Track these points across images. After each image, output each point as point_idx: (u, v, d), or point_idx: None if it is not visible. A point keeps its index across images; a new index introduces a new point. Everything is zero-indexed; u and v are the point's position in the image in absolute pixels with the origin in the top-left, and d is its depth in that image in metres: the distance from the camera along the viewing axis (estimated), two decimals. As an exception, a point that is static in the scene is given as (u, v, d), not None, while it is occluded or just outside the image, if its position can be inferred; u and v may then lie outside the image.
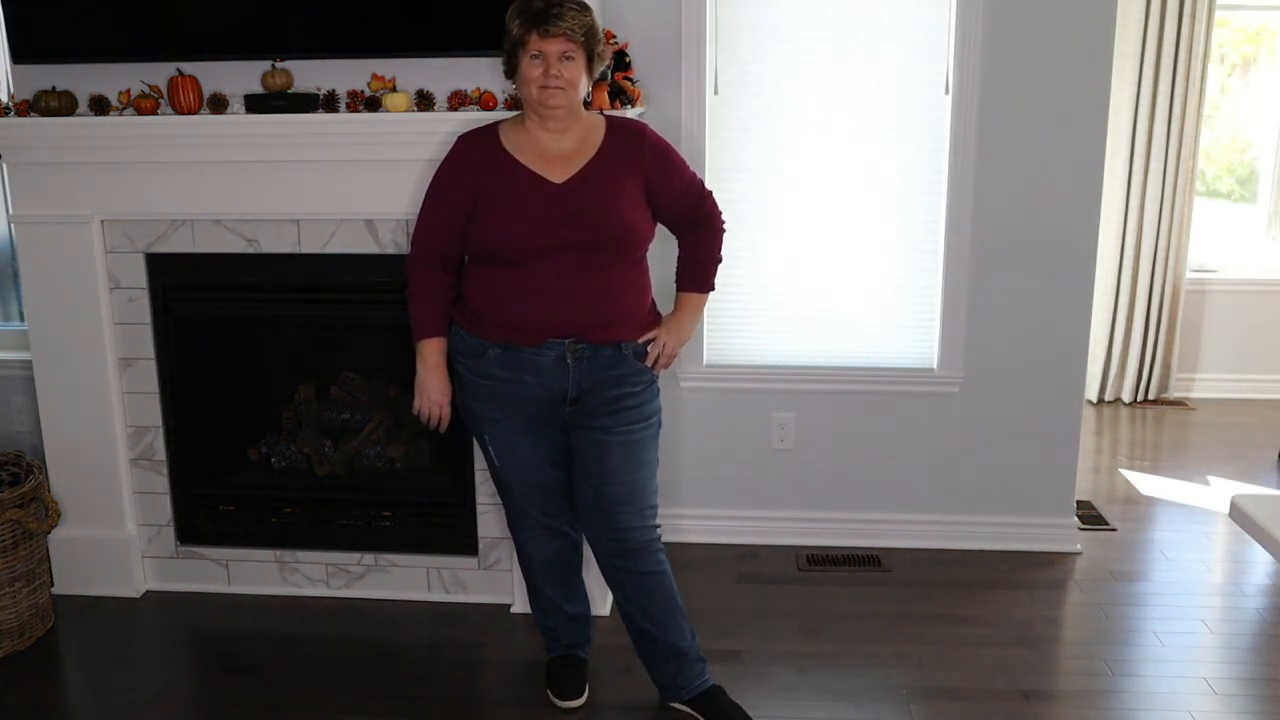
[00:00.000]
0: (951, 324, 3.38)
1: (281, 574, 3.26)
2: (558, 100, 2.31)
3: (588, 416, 2.46)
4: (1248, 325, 5.17)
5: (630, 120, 2.53)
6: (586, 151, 2.40)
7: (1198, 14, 4.66)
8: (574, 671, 2.72)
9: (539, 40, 2.27)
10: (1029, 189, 3.27)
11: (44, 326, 3.12)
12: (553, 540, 2.66)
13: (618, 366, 2.44)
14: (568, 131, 2.39)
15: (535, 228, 2.34)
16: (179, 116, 2.89)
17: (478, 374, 2.46)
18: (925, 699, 2.69)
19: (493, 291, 2.41)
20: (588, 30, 2.31)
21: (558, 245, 2.34)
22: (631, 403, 2.47)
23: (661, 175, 2.44)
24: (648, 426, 2.51)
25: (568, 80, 2.30)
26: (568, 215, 2.34)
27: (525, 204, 2.35)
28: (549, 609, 2.73)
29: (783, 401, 3.49)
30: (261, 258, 3.05)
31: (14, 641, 2.94)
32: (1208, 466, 4.31)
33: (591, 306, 2.38)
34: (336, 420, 3.39)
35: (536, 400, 2.44)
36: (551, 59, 2.28)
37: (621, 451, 2.47)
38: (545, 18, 2.26)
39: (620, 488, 2.49)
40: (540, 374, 2.41)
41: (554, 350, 2.40)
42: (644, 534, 2.52)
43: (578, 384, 2.42)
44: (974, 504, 3.51)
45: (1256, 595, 3.25)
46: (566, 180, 2.37)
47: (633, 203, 2.40)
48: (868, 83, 3.29)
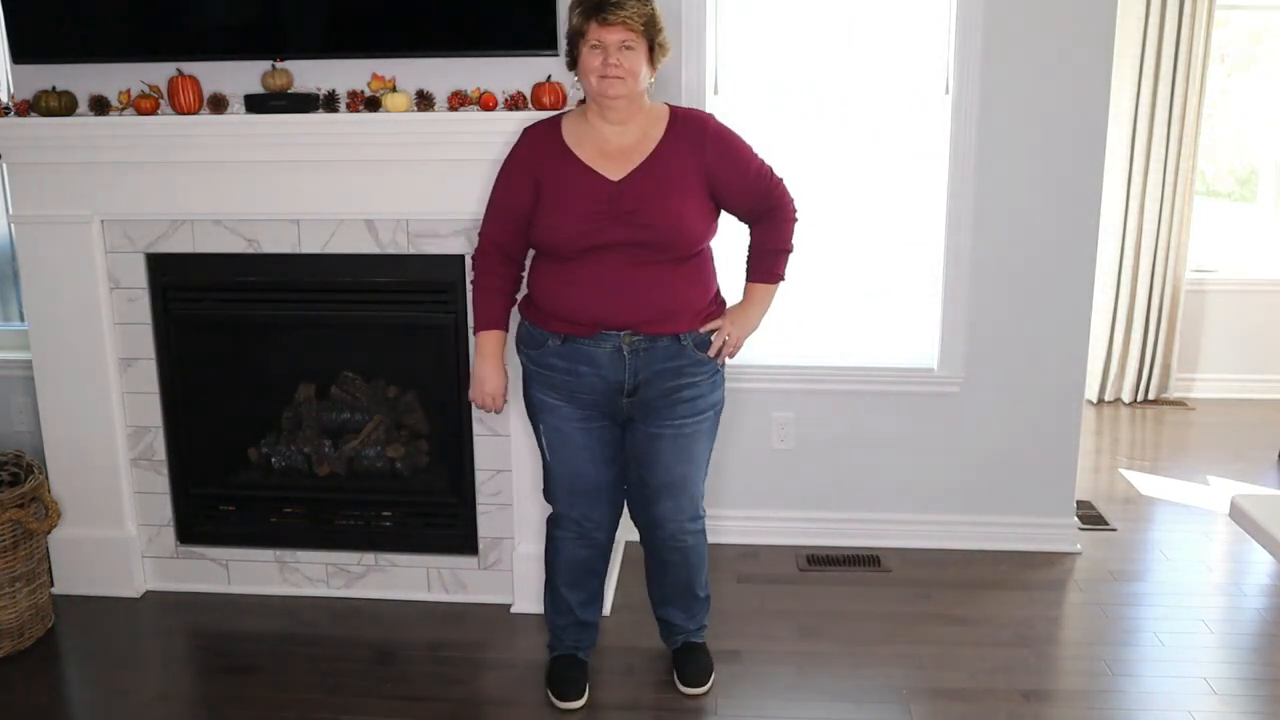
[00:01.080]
0: (951, 324, 3.38)
1: (281, 574, 3.26)
2: (617, 90, 2.31)
3: (645, 410, 2.48)
4: (1248, 325, 5.17)
5: (694, 112, 2.50)
6: (646, 146, 2.39)
7: (1198, 14, 4.66)
8: (575, 673, 2.72)
9: (598, 30, 2.29)
10: (1029, 189, 3.27)
11: (44, 326, 3.12)
12: (583, 547, 2.66)
13: (676, 358, 2.44)
14: (629, 123, 2.40)
15: (588, 226, 2.35)
16: (179, 116, 2.89)
17: (538, 364, 2.50)
18: (925, 699, 2.69)
19: (551, 284, 2.43)
20: (648, 19, 2.31)
21: (610, 243, 2.35)
22: (690, 394, 2.48)
23: (725, 168, 2.42)
24: (701, 420, 2.52)
25: (627, 70, 2.30)
26: (620, 214, 2.34)
27: (579, 201, 2.36)
28: (561, 608, 2.74)
29: (783, 401, 3.49)
30: (261, 258, 3.05)
31: (14, 641, 2.94)
32: (1208, 466, 4.31)
33: (646, 300, 2.38)
34: (336, 420, 3.39)
35: (594, 391, 2.46)
36: (611, 48, 2.29)
37: (672, 445, 2.50)
38: (604, 7, 2.27)
39: (664, 477, 2.53)
40: (597, 365, 2.43)
41: (610, 342, 2.41)
42: (675, 526, 2.59)
43: (634, 375, 2.43)
44: (974, 504, 3.51)
45: (1256, 595, 3.25)
46: (622, 178, 2.37)
47: (690, 200, 2.38)
48: (868, 83, 3.29)
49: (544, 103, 2.79)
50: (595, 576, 2.73)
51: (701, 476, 2.61)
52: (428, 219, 2.95)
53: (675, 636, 2.80)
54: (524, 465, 3.05)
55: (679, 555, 2.66)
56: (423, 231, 2.96)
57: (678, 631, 2.79)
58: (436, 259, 2.98)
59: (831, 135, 3.35)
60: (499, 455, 3.10)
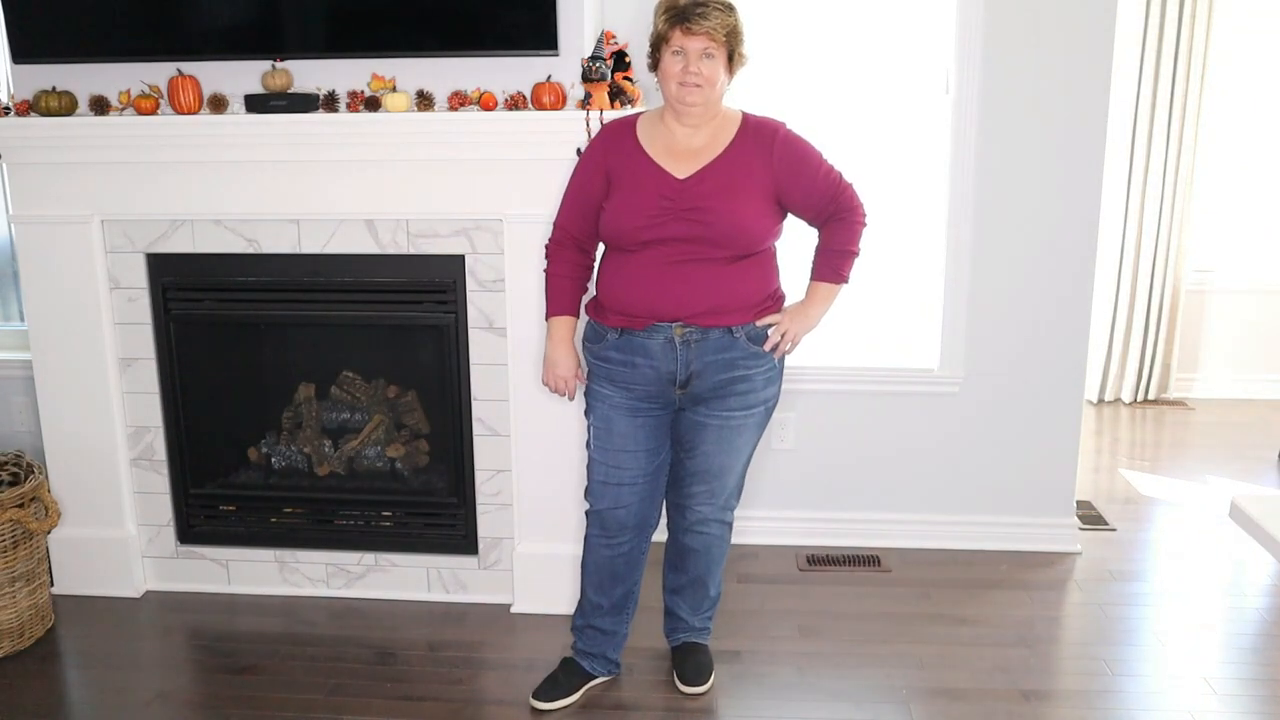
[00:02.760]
0: (951, 324, 3.38)
1: (281, 574, 3.26)
2: (695, 98, 2.35)
3: (697, 402, 2.51)
4: (1248, 326, 5.18)
5: (766, 120, 2.51)
6: (715, 148, 2.43)
7: (1198, 14, 4.66)
8: (566, 676, 2.71)
9: (682, 37, 2.32)
10: (1029, 189, 3.27)
11: (44, 326, 3.12)
12: (607, 549, 2.66)
13: (728, 350, 2.46)
14: (702, 128, 2.44)
15: (649, 220, 2.39)
16: (179, 116, 2.89)
17: (599, 357, 2.54)
18: (925, 699, 2.69)
19: (612, 278, 2.48)
20: (730, 30, 2.35)
21: (669, 238, 2.39)
22: (742, 387, 2.50)
23: (792, 175, 2.45)
24: (750, 414, 2.54)
25: (706, 78, 2.34)
26: (682, 210, 2.38)
27: (645, 195, 2.40)
28: (584, 609, 2.75)
29: (783, 401, 3.45)
30: (261, 258, 3.05)
31: (14, 641, 2.94)
32: (1208, 466, 4.31)
33: (698, 293, 2.41)
34: (336, 420, 3.39)
35: (649, 382, 2.50)
36: (692, 56, 2.33)
37: (717, 434, 2.53)
38: (690, 15, 2.30)
39: (703, 463, 2.57)
40: (650, 356, 2.46)
41: (662, 333, 2.44)
42: (700, 514, 2.64)
43: (686, 366, 2.46)
44: (974, 504, 3.51)
45: (1256, 595, 3.25)
46: (688, 177, 2.40)
47: (754, 203, 2.41)
48: (868, 83, 3.29)
49: (544, 103, 2.79)
50: (619, 582, 2.70)
51: (741, 470, 2.64)
52: (428, 219, 2.96)
53: (678, 633, 2.81)
54: (524, 465, 3.06)
55: (701, 543, 2.68)
56: (423, 231, 2.96)
57: (682, 627, 2.80)
58: (436, 259, 2.98)
59: (831, 135, 3.35)
60: (499, 455, 3.10)
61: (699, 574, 2.74)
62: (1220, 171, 5.09)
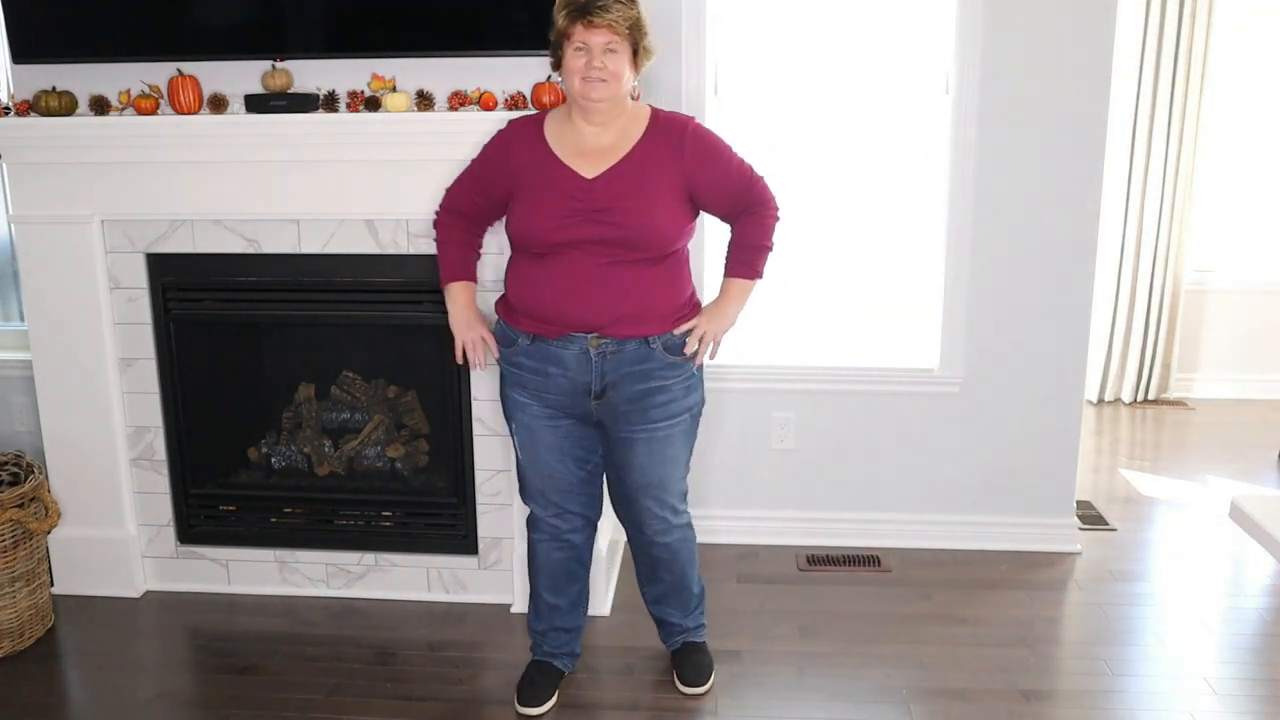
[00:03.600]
0: (951, 324, 3.38)
1: (281, 574, 3.26)
2: (600, 93, 2.32)
3: (615, 415, 2.47)
4: (1248, 325, 5.17)
5: (674, 115, 2.49)
6: (623, 146, 2.40)
7: (1198, 14, 4.66)
8: (544, 679, 2.70)
9: (583, 31, 2.29)
10: (1029, 189, 3.27)
11: (44, 326, 3.12)
12: (557, 550, 2.66)
13: (645, 361, 2.43)
14: (609, 125, 2.40)
15: (560, 222, 2.35)
16: (179, 116, 2.89)
17: (510, 362, 2.51)
18: (925, 699, 2.69)
19: (523, 282, 2.44)
20: (632, 23, 2.31)
21: (581, 240, 2.35)
22: (661, 398, 2.46)
23: (702, 169, 2.41)
24: (675, 424, 2.50)
25: (610, 72, 2.31)
26: (592, 211, 2.34)
27: (554, 197, 2.37)
28: (542, 612, 2.73)
29: (783, 401, 3.49)
30: (261, 258, 3.05)
31: (14, 641, 2.94)
32: (1208, 466, 4.31)
33: (614, 302, 2.37)
34: (336, 420, 3.39)
35: (562, 391, 2.46)
36: (595, 51, 2.30)
37: (646, 448, 2.50)
38: (590, 9, 2.27)
39: (640, 478, 2.54)
40: (564, 367, 2.43)
41: (576, 344, 2.40)
42: (658, 522, 2.60)
43: (601, 378, 2.42)
44: (974, 504, 3.51)
45: (1256, 595, 3.25)
46: (595, 176, 2.37)
47: (665, 200, 2.38)
48: (868, 83, 3.29)
49: (544, 102, 2.79)
50: (574, 581, 2.71)
51: (681, 475, 2.60)
52: (428, 219, 2.95)
53: (674, 637, 2.80)
54: (524, 465, 3.06)
55: (667, 552, 2.66)
56: (423, 231, 2.96)
57: (676, 631, 2.79)
58: (436, 259, 2.98)
59: (831, 135, 3.36)
60: (499, 455, 3.10)
61: (676, 578, 2.72)
62: (1220, 171, 5.09)
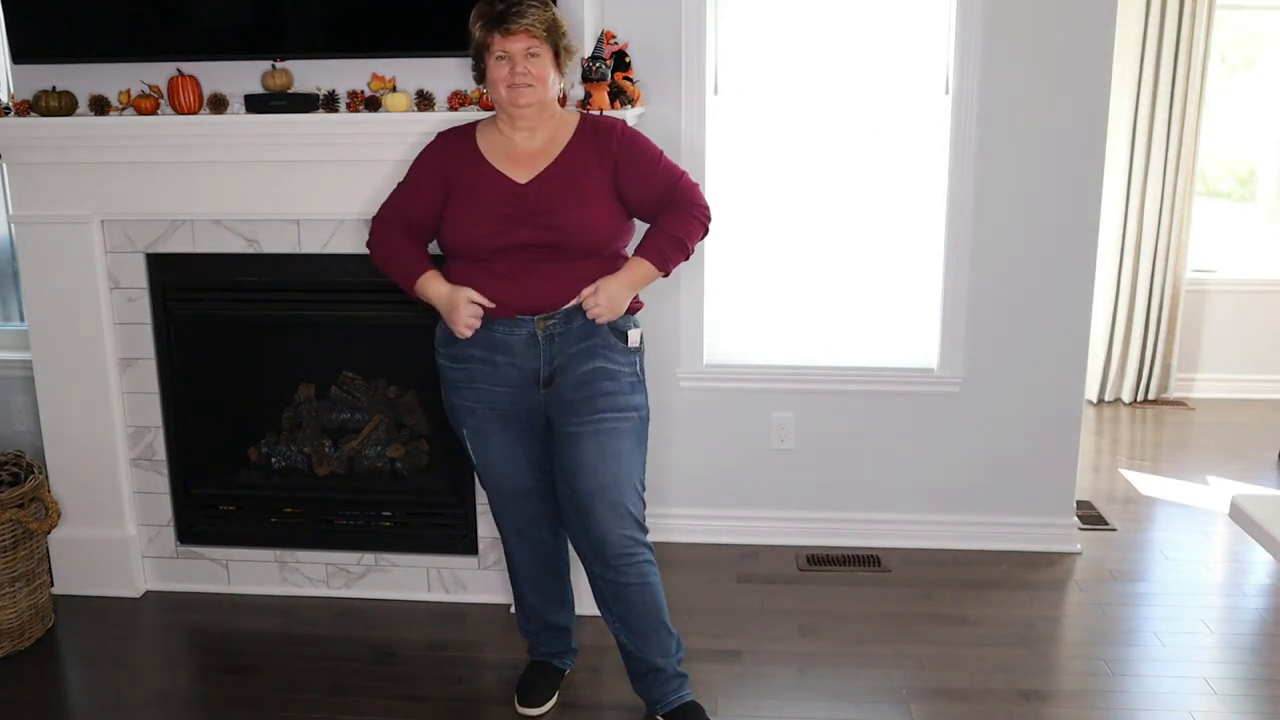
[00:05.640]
0: (951, 324, 3.38)
1: (281, 574, 3.26)
2: (528, 98, 2.31)
3: (562, 406, 2.42)
4: (1248, 325, 5.17)
5: (603, 118, 2.50)
6: (553, 150, 2.39)
7: (1198, 14, 4.66)
8: (544, 679, 2.70)
9: (502, 40, 2.28)
10: (1029, 189, 3.27)
11: (44, 326, 3.12)
12: (529, 550, 2.64)
13: (590, 337, 2.40)
14: (538, 130, 2.39)
15: (496, 227, 2.34)
16: (179, 116, 2.89)
17: (457, 361, 2.46)
18: (925, 699, 2.69)
19: (464, 280, 2.40)
20: (549, 24, 2.31)
21: (517, 245, 2.34)
22: (609, 385, 2.41)
23: (627, 166, 2.40)
24: (623, 418, 2.43)
25: (536, 77, 2.30)
26: (526, 215, 2.34)
27: (488, 203, 2.36)
28: (530, 615, 2.73)
29: (783, 401, 3.49)
30: (261, 258, 3.05)
31: (14, 641, 2.94)
32: (1208, 466, 4.31)
33: (557, 289, 2.36)
34: (336, 420, 3.39)
35: (511, 383, 2.42)
36: (517, 58, 2.29)
37: (594, 442, 2.40)
38: (505, 17, 2.27)
39: (591, 480, 2.40)
40: (512, 354, 2.40)
41: (524, 328, 2.39)
42: (622, 541, 2.42)
43: (550, 362, 2.40)
44: (974, 504, 3.51)
45: (1256, 595, 3.25)
46: (528, 181, 2.37)
47: (599, 201, 2.37)
48: (868, 83, 3.29)
49: (544, 103, 2.79)
50: (555, 577, 2.70)
51: (635, 485, 2.44)
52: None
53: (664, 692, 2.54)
54: (524, 465, 3.05)
55: (637, 574, 2.45)
56: (423, 231, 2.96)
57: (662, 680, 2.54)
58: (435, 259, 2.97)
59: (831, 135, 3.35)
60: (499, 455, 3.09)
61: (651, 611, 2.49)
62: (1220, 171, 5.09)
